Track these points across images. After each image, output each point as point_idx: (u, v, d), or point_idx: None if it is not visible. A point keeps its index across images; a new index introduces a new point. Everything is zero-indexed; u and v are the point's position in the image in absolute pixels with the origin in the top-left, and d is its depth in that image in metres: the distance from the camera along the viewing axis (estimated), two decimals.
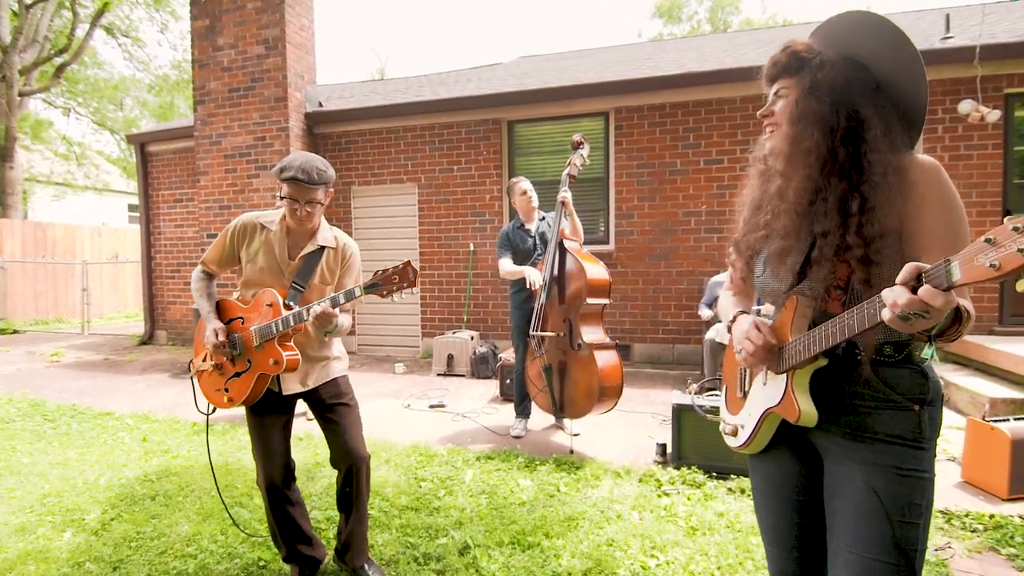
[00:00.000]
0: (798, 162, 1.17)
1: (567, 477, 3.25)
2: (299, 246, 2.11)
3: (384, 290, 1.84)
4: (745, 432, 1.38)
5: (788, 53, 1.21)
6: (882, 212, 1.09)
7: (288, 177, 1.93)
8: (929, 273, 0.86)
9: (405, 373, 6.06)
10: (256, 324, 2.01)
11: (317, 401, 2.21)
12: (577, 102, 6.15)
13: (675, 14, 22.32)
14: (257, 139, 6.78)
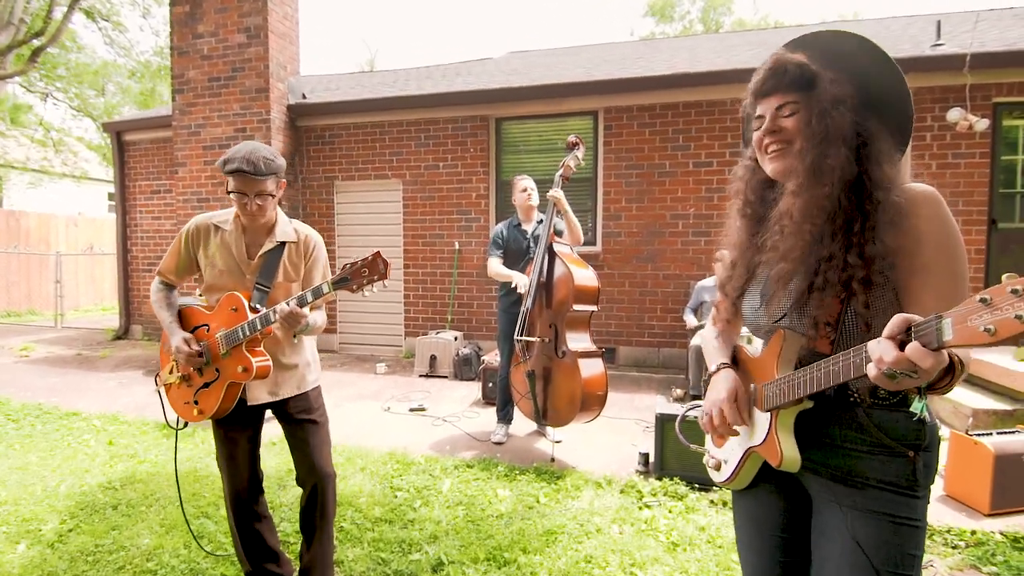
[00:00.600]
0: (820, 180, 1.08)
1: (547, 487, 3.17)
2: (257, 243, 2.00)
3: (354, 284, 1.72)
4: (728, 468, 1.32)
5: (797, 66, 1.12)
6: (883, 231, 1.03)
7: (232, 169, 1.80)
8: (919, 328, 0.79)
9: (387, 373, 5.95)
10: (222, 330, 1.90)
11: (285, 414, 2.10)
12: (566, 100, 6.05)
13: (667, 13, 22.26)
14: (237, 130, 6.60)
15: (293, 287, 2.04)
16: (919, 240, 1.01)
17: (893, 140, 1.12)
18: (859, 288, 1.04)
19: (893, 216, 1.02)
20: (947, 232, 1.01)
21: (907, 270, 1.02)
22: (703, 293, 5.01)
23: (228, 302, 1.91)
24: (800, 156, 1.11)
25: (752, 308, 1.28)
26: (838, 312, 1.07)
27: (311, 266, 2.06)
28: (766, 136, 1.16)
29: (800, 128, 1.11)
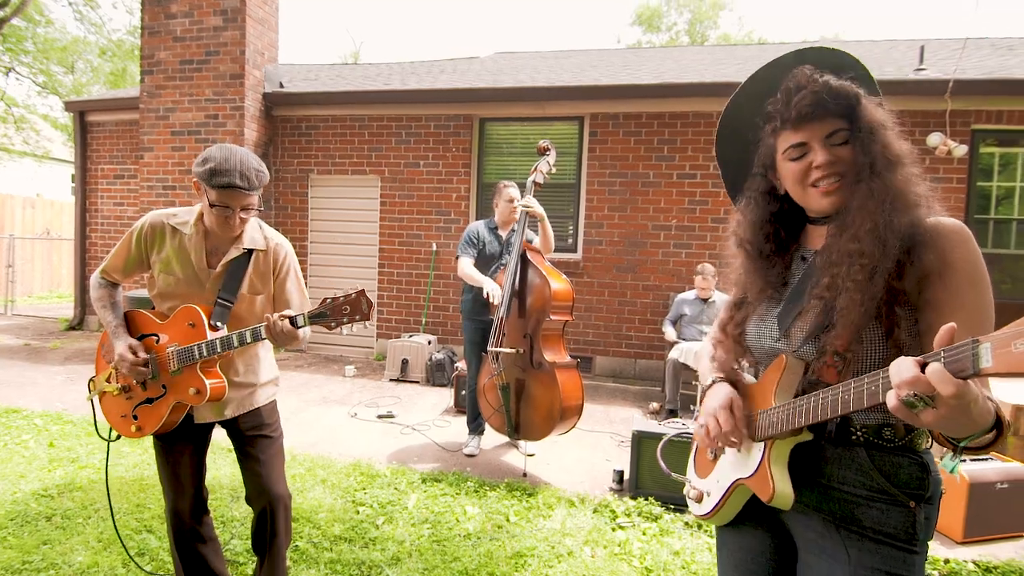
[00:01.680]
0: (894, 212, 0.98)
1: (518, 505, 3.04)
2: (220, 251, 1.80)
3: (332, 321, 1.59)
4: (711, 501, 1.21)
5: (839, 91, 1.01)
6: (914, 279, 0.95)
7: (224, 184, 1.61)
8: (951, 352, 0.70)
9: (356, 376, 5.74)
10: (174, 345, 1.72)
11: (235, 431, 1.93)
12: (552, 104, 5.95)
13: (655, 23, 22.43)
14: (209, 117, 6.32)
15: (259, 300, 1.86)
16: (953, 292, 0.93)
17: None
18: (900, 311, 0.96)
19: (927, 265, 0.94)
20: (980, 280, 0.93)
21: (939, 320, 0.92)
22: (683, 306, 4.95)
23: (185, 315, 1.73)
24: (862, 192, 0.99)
25: (759, 335, 1.18)
26: (848, 342, 0.97)
27: (282, 279, 1.88)
28: (821, 168, 1.03)
29: (853, 158, 1.01)
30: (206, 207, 1.70)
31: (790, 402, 0.99)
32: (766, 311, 1.17)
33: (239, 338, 1.65)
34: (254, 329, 1.64)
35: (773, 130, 1.08)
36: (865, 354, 0.98)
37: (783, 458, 1.04)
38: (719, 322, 1.26)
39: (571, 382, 3.25)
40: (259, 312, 1.86)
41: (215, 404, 1.83)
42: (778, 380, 1.06)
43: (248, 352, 1.91)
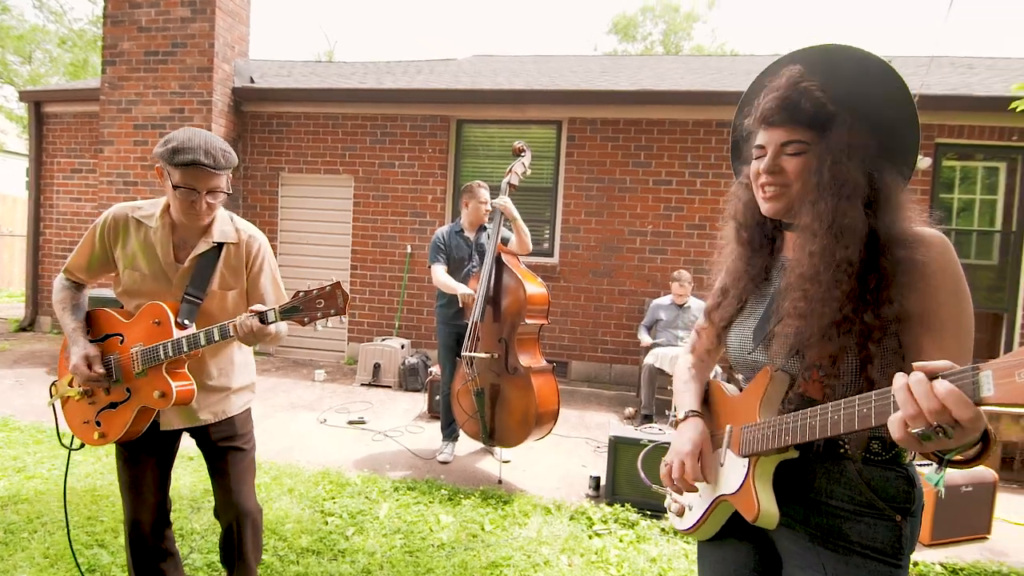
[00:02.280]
0: (842, 242, 0.96)
1: (493, 513, 2.97)
2: (188, 244, 1.69)
3: (305, 316, 1.48)
4: (693, 515, 1.18)
5: (813, 101, 0.99)
6: (903, 293, 0.94)
7: (187, 161, 1.51)
8: (952, 377, 0.68)
9: (326, 381, 5.58)
10: (139, 345, 1.60)
11: (205, 439, 1.81)
12: (530, 107, 5.93)
13: (630, 32, 22.74)
14: (175, 111, 6.08)
15: (231, 296, 1.75)
16: (936, 302, 0.93)
17: (903, 183, 1.02)
18: (875, 349, 0.94)
19: (914, 278, 0.93)
20: (959, 288, 0.93)
21: (919, 330, 0.93)
22: (658, 311, 4.97)
23: (150, 313, 1.63)
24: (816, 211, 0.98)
25: (740, 342, 1.16)
26: (834, 354, 0.96)
27: (256, 274, 1.77)
28: (765, 174, 1.04)
29: (801, 172, 1.00)
30: (170, 192, 1.60)
31: (776, 419, 0.97)
32: (746, 318, 1.16)
33: (206, 336, 1.54)
34: (222, 326, 1.54)
35: (752, 124, 1.08)
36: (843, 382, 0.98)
37: (768, 475, 1.02)
38: (706, 308, 1.27)
39: (547, 387, 3.21)
40: (232, 309, 1.75)
41: (183, 409, 1.72)
42: (763, 394, 1.04)
43: (221, 353, 1.80)
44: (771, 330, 1.07)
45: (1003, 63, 6.62)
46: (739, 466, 1.05)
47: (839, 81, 1.01)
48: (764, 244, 1.15)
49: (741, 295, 1.16)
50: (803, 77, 1.00)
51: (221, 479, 1.81)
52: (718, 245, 1.27)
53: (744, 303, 1.17)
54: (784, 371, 1.04)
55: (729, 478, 1.07)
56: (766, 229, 1.15)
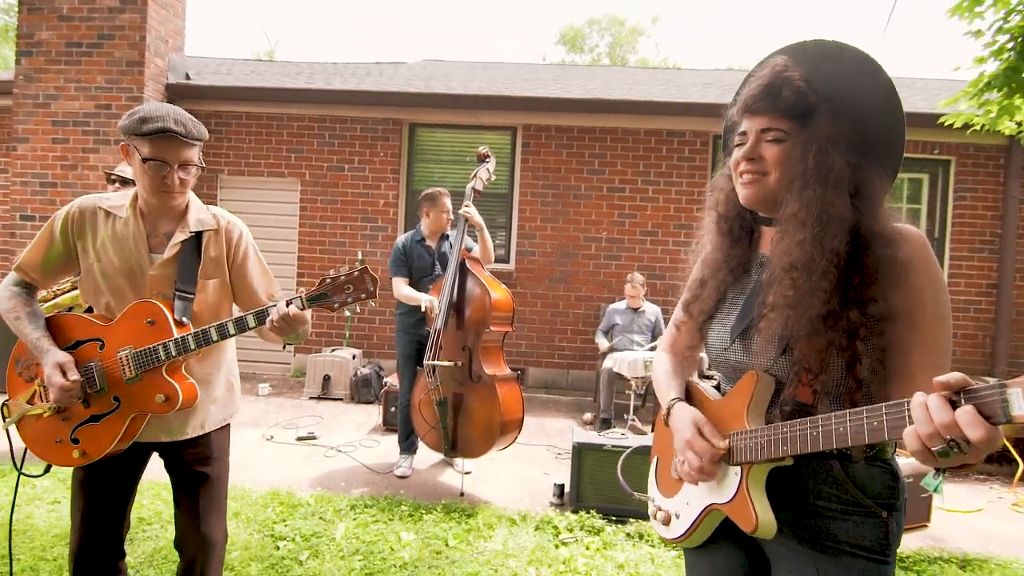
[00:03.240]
0: (830, 231, 0.95)
1: (457, 527, 2.87)
2: (160, 232, 1.56)
3: (335, 302, 1.43)
4: (681, 524, 1.14)
5: (793, 90, 0.98)
6: (887, 291, 0.93)
7: (156, 129, 1.40)
8: (976, 395, 0.66)
9: (270, 395, 5.27)
10: (128, 348, 1.47)
11: (176, 459, 1.65)
12: (485, 113, 5.88)
13: (578, 44, 23.26)
14: (100, 107, 5.62)
15: (211, 285, 1.61)
16: (920, 300, 0.93)
17: (886, 181, 1.03)
18: (862, 348, 0.93)
19: (898, 275, 0.93)
20: (940, 285, 0.95)
21: (904, 328, 0.93)
22: (614, 316, 5.01)
23: (141, 312, 1.50)
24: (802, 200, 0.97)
25: (720, 340, 1.13)
26: (822, 356, 0.95)
27: (241, 262, 1.66)
28: (744, 160, 1.03)
29: (779, 160, 0.99)
30: (139, 170, 1.47)
31: (772, 428, 0.94)
32: (726, 313, 1.14)
33: (219, 331, 1.44)
34: (239, 319, 1.44)
35: (736, 113, 1.08)
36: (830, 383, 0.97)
37: (761, 484, 0.99)
38: (683, 302, 1.23)
39: (511, 395, 3.14)
40: (213, 301, 1.63)
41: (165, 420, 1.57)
42: (750, 399, 1.01)
43: (208, 355, 1.64)
44: (752, 326, 1.05)
45: (920, 83, 7.18)
46: (730, 474, 1.02)
47: (824, 74, 1.01)
48: (743, 236, 1.14)
49: (720, 286, 1.14)
50: (787, 67, 1.01)
51: (189, 505, 1.64)
52: (696, 236, 1.25)
53: (723, 296, 1.15)
54: (771, 374, 1.02)
55: (721, 486, 1.04)
56: (745, 222, 1.14)
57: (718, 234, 1.16)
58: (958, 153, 5.62)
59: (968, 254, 5.64)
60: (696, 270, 1.23)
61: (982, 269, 5.66)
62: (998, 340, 5.57)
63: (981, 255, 5.66)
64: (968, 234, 5.67)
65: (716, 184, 1.20)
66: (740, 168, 1.05)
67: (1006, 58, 3.09)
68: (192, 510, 1.63)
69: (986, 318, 5.60)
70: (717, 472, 1.02)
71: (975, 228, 5.67)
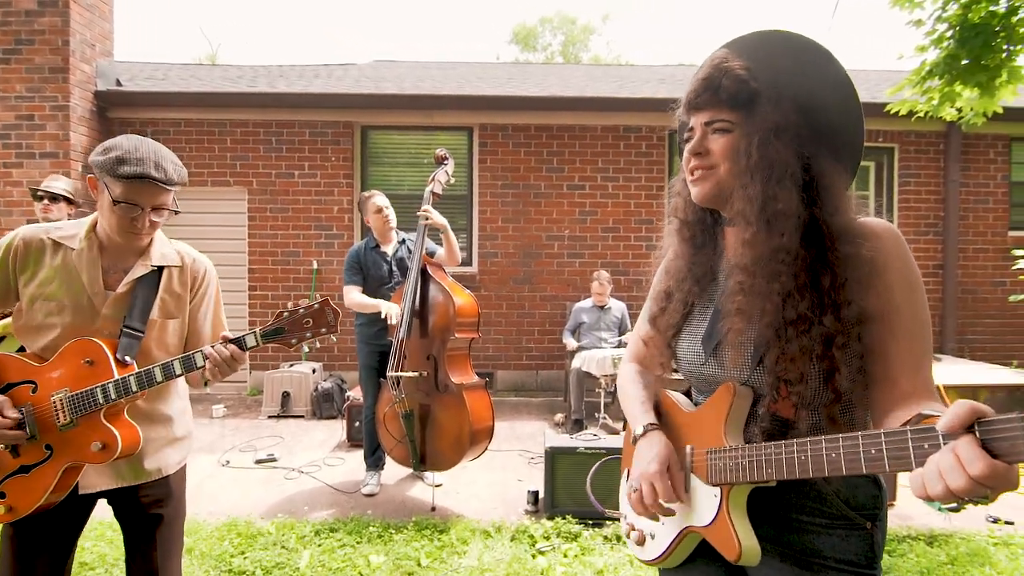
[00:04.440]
0: (775, 228, 0.90)
1: (429, 545, 2.74)
2: (120, 268, 1.43)
3: (293, 338, 1.37)
4: (657, 546, 1.06)
5: (734, 79, 0.93)
6: (856, 292, 0.87)
7: (135, 174, 1.30)
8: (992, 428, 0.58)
9: (226, 416, 4.99)
10: (63, 391, 1.34)
11: (129, 505, 1.49)
12: (440, 113, 5.75)
13: (531, 43, 23.30)
14: (22, 117, 5.21)
15: (172, 326, 1.49)
16: (893, 301, 0.87)
17: (844, 174, 0.97)
18: (840, 356, 0.87)
19: (866, 274, 0.87)
20: (914, 283, 0.89)
21: (880, 331, 0.87)
22: (580, 314, 4.97)
23: (77, 352, 1.36)
24: (747, 195, 0.92)
25: (692, 354, 1.06)
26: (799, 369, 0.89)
27: (199, 300, 1.54)
28: (691, 156, 0.98)
29: (727, 152, 0.94)
30: (106, 207, 1.36)
31: (753, 449, 0.87)
32: (695, 326, 1.07)
33: (164, 371, 1.33)
34: (186, 358, 1.34)
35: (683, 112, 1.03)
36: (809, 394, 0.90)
37: (742, 505, 0.92)
38: (648, 315, 1.15)
39: (480, 403, 3.03)
40: (172, 342, 1.51)
41: (114, 464, 1.41)
42: (727, 414, 0.94)
43: (159, 395, 1.51)
44: (720, 338, 0.99)
45: (863, 74, 7.44)
46: (709, 495, 0.94)
47: (768, 63, 0.96)
48: (707, 242, 1.08)
49: (686, 298, 1.07)
50: (726, 58, 0.96)
51: (145, 553, 1.49)
52: (659, 240, 1.19)
53: (691, 308, 1.08)
54: (748, 385, 0.95)
55: (699, 508, 0.96)
56: (707, 226, 1.08)
57: (680, 241, 1.10)
58: (901, 140, 5.85)
59: (914, 237, 5.86)
60: (660, 280, 1.16)
61: (928, 251, 5.90)
62: (946, 319, 5.82)
63: (926, 237, 5.90)
64: (913, 218, 5.90)
65: (674, 189, 1.13)
66: (690, 165, 1.00)
67: (946, 46, 3.18)
68: (147, 558, 1.49)
69: (934, 298, 5.83)
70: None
71: (919, 212, 5.91)
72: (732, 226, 1.00)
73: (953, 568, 2.57)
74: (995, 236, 5.94)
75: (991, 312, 5.94)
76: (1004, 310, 5.86)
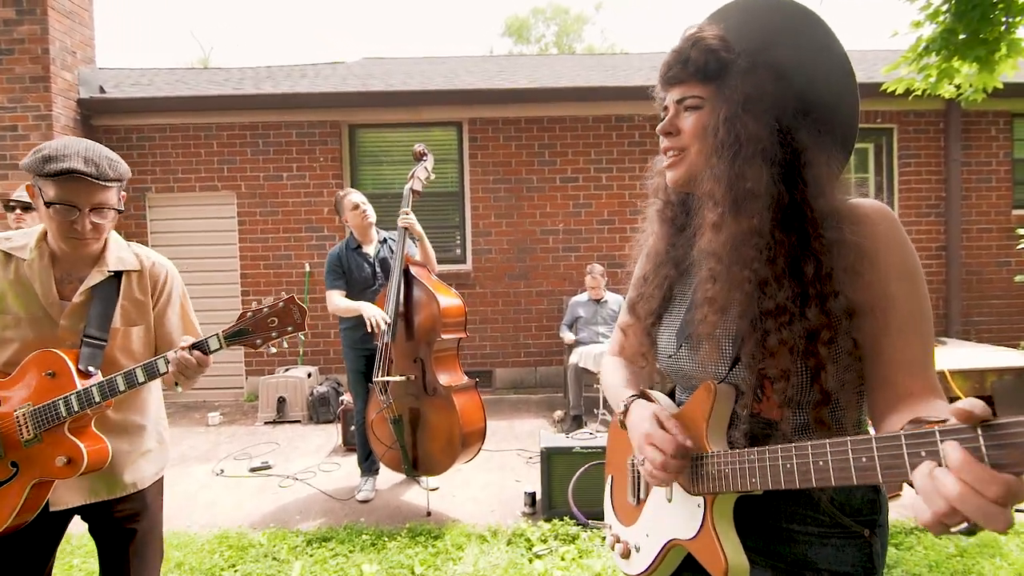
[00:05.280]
0: (742, 210, 0.82)
1: (423, 552, 2.68)
2: (76, 277, 1.38)
3: (258, 339, 1.31)
4: (642, 560, 0.99)
5: (703, 50, 0.85)
6: (845, 283, 0.79)
7: (62, 170, 1.23)
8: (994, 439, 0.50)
9: (222, 424, 4.94)
10: (27, 406, 1.30)
11: (104, 520, 1.45)
12: (428, 109, 5.65)
13: (524, 35, 23.09)
14: (5, 128, 5.14)
15: (135, 333, 1.44)
16: (887, 292, 0.78)
17: (836, 155, 0.87)
18: (826, 353, 0.79)
19: (854, 262, 0.79)
20: (911, 271, 0.80)
21: (876, 325, 0.79)
22: (577, 308, 4.89)
23: (38, 365, 1.32)
24: (714, 174, 0.84)
25: (669, 347, 0.98)
26: (788, 364, 0.81)
27: (164, 304, 1.48)
28: (662, 135, 0.92)
29: (697, 131, 0.86)
30: (44, 212, 1.31)
31: (737, 456, 0.79)
32: (674, 314, 0.99)
33: (126, 380, 1.27)
34: (148, 365, 1.30)
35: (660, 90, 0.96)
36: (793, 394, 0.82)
37: (728, 515, 0.85)
38: (628, 301, 1.09)
39: (470, 404, 2.96)
40: (137, 349, 1.46)
41: (87, 479, 1.38)
42: (708, 416, 0.86)
43: (130, 404, 1.46)
44: (691, 329, 0.91)
45: (859, 54, 7.29)
46: (691, 505, 0.88)
47: (746, 29, 0.87)
48: (689, 224, 0.99)
49: (664, 282, 1.00)
50: (700, 29, 0.88)
51: (120, 569, 1.45)
52: (639, 227, 1.11)
53: (671, 294, 1.01)
54: (729, 383, 0.87)
55: (682, 519, 0.89)
56: (690, 207, 0.99)
57: (660, 222, 1.03)
58: (899, 120, 5.72)
59: (916, 219, 5.75)
60: (640, 265, 1.09)
61: (930, 233, 5.78)
62: (951, 302, 5.71)
63: (928, 219, 5.78)
64: (915, 199, 5.78)
65: (656, 167, 1.07)
66: (663, 146, 0.94)
67: (942, 21, 3.07)
68: (122, 573, 1.45)
69: (938, 280, 5.72)
70: (685, 468, 0.86)
71: (921, 193, 5.79)
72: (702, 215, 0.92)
73: (962, 560, 2.50)
74: (999, 215, 5.81)
75: (996, 293, 5.82)
76: (1010, 290, 5.75)
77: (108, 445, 1.34)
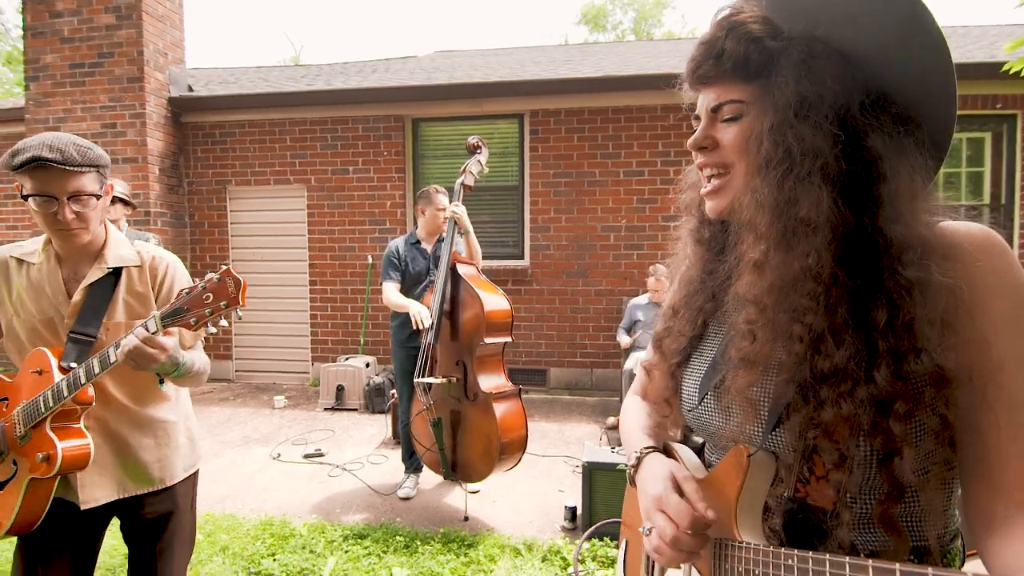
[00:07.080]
0: (791, 243, 0.63)
1: (455, 560, 2.62)
2: (79, 275, 1.42)
3: (192, 317, 1.21)
4: None
5: (740, 38, 0.66)
6: (928, 335, 0.58)
7: (27, 159, 1.23)
8: None
9: (286, 408, 5.18)
10: (21, 404, 1.34)
11: (133, 516, 1.49)
12: (488, 101, 5.56)
13: (600, 22, 22.42)
14: (106, 126, 5.63)
15: None
16: (998, 357, 0.58)
17: (919, 160, 0.65)
18: (901, 431, 0.59)
19: (944, 312, 0.58)
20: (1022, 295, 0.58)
21: (974, 400, 0.58)
22: (636, 311, 4.64)
23: (32, 362, 1.36)
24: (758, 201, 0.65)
25: (692, 398, 0.81)
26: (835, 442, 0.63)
27: (164, 297, 1.49)
28: (696, 152, 0.73)
29: (740, 144, 0.67)
30: (32, 210, 1.34)
31: (772, 555, 0.61)
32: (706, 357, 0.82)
33: (87, 372, 1.26)
34: (103, 354, 1.26)
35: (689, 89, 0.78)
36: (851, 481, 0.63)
37: None
38: (654, 336, 0.91)
39: (511, 413, 2.86)
40: None
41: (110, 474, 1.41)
42: (738, 491, 0.69)
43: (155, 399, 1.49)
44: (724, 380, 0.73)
45: (977, 31, 6.38)
46: None
47: (794, 4, 0.66)
48: (728, 246, 0.81)
49: (695, 316, 0.83)
50: (735, 10, 0.68)
51: (149, 563, 1.49)
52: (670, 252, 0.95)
53: (703, 331, 0.83)
54: (766, 451, 0.69)
55: None
56: (728, 226, 0.82)
57: (695, 244, 0.86)
58: None
59: None
60: (670, 293, 0.92)
61: None
62: None
63: None
64: None
65: (688, 179, 0.89)
66: (698, 163, 0.75)
67: None
68: (152, 568, 1.49)
69: None
70: (701, 549, 0.70)
71: None
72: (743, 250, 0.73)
73: None
74: None
75: None
76: None
77: (90, 445, 1.33)
